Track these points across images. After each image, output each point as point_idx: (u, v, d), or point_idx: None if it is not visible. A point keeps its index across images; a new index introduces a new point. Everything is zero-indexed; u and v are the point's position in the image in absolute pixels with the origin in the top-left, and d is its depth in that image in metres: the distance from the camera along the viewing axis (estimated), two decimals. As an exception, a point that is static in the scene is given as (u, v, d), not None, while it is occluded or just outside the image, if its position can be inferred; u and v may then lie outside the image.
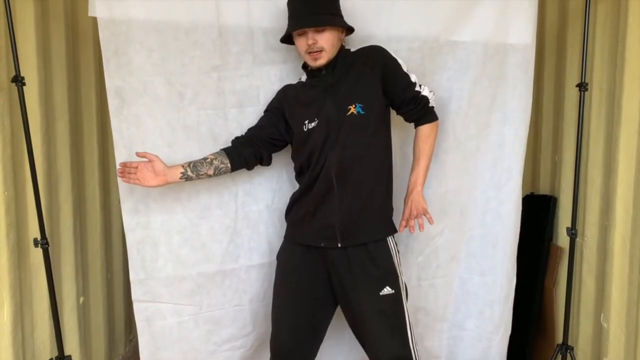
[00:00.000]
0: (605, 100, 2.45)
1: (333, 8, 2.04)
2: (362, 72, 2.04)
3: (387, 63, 2.05)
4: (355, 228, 2.04)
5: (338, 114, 2.01)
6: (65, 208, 2.52)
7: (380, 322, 2.01)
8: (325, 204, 2.04)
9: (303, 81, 2.16)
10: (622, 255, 2.34)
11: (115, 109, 2.10)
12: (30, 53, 2.20)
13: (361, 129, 2.00)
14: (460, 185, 2.41)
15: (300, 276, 2.11)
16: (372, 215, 2.06)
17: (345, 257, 2.05)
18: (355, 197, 2.02)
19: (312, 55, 1.99)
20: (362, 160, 2.01)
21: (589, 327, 2.61)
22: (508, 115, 2.36)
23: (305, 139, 2.05)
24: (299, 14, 2.00)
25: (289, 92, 2.15)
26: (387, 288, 2.02)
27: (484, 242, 2.48)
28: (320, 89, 2.07)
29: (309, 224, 2.08)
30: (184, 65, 2.13)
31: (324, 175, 2.01)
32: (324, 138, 2.01)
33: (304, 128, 2.05)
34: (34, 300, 2.34)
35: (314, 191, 2.05)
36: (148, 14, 2.07)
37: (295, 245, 2.14)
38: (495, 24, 2.26)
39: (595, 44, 2.47)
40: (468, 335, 2.56)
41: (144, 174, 2.03)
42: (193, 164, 2.08)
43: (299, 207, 2.11)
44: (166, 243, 2.24)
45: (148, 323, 2.28)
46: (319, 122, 2.03)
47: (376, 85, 2.03)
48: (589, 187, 2.56)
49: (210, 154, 2.11)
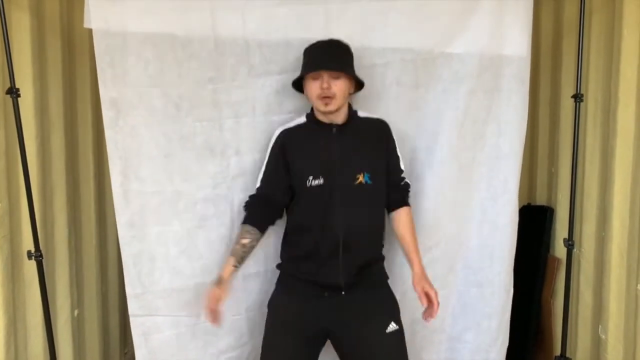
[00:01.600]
0: (601, 111, 2.46)
1: (350, 60, 2.08)
2: (372, 142, 2.11)
3: (392, 141, 2.15)
4: (360, 280, 2.09)
5: (347, 180, 2.04)
6: (60, 220, 2.51)
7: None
8: (330, 265, 2.06)
9: (302, 125, 2.14)
10: (619, 266, 2.34)
11: (110, 120, 2.10)
12: (25, 64, 2.21)
13: (367, 198, 2.07)
14: (456, 197, 2.40)
15: (298, 328, 2.10)
16: (374, 267, 2.16)
17: (349, 299, 2.08)
18: (360, 259, 2.08)
19: (324, 100, 2.00)
20: (367, 226, 2.10)
21: (587, 338, 2.60)
22: (504, 127, 2.36)
23: (308, 196, 2.06)
24: (317, 59, 2.03)
25: (288, 141, 2.12)
26: (392, 324, 2.08)
27: (480, 253, 2.47)
28: (327, 146, 2.07)
29: (310, 280, 2.09)
30: (179, 76, 2.13)
31: (330, 237, 2.04)
32: (329, 201, 2.03)
33: (307, 184, 2.05)
34: (27, 313, 2.33)
35: (317, 252, 2.06)
36: (144, 25, 2.07)
37: (293, 296, 2.14)
38: (490, 36, 2.27)
39: (590, 55, 2.48)
40: (466, 348, 2.54)
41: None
42: (239, 257, 2.10)
43: (299, 266, 2.11)
44: (163, 255, 2.22)
45: (145, 338, 2.26)
46: (325, 183, 2.04)
47: (383, 158, 2.12)
48: (585, 198, 2.56)
49: (244, 238, 2.10)
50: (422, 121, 2.33)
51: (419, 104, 2.32)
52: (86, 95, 2.72)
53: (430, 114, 2.33)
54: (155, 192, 2.17)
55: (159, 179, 2.17)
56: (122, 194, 2.15)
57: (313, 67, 2.02)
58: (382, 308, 2.11)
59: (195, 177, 2.21)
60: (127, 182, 2.15)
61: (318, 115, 2.10)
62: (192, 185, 2.21)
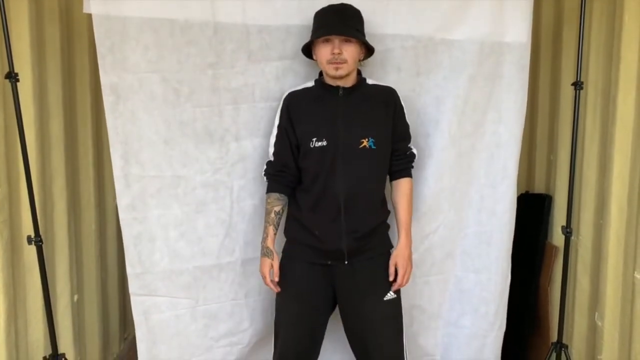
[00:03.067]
0: (601, 98, 2.45)
1: (361, 26, 2.08)
2: (379, 108, 2.10)
3: (399, 108, 2.15)
4: (362, 247, 2.10)
5: (351, 143, 2.04)
6: (59, 205, 2.51)
7: (384, 328, 2.12)
8: (332, 228, 2.07)
9: (310, 88, 2.15)
10: (616, 254, 2.34)
11: (111, 105, 2.10)
12: (24, 49, 2.19)
13: (370, 162, 2.08)
14: (455, 184, 2.41)
15: (306, 293, 2.14)
16: (377, 235, 2.16)
17: (351, 270, 2.10)
18: (362, 223, 2.09)
19: (334, 64, 2.00)
20: (368, 189, 2.10)
21: (583, 325, 2.61)
22: (503, 114, 2.37)
23: (312, 157, 2.07)
24: (329, 23, 2.02)
25: (293, 103, 2.13)
26: (390, 293, 2.12)
27: (478, 240, 2.48)
28: (332, 108, 2.07)
29: (314, 245, 2.11)
30: (179, 62, 2.13)
31: (331, 200, 2.05)
32: (332, 163, 2.04)
33: (311, 144, 2.05)
34: (27, 298, 2.33)
35: (319, 214, 2.08)
36: (143, 11, 2.06)
37: (298, 262, 2.16)
38: (490, 23, 2.26)
39: (591, 43, 2.47)
40: (463, 333, 2.57)
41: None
42: (276, 225, 2.16)
43: (302, 228, 2.12)
44: (163, 237, 2.24)
45: (145, 316, 2.29)
46: (329, 145, 2.04)
47: (389, 125, 2.11)
48: (584, 186, 2.56)
49: (276, 206, 2.15)
50: (422, 108, 2.33)
51: (419, 91, 2.32)
52: (85, 80, 2.71)
53: (430, 101, 2.33)
54: (155, 176, 2.19)
55: (158, 163, 2.18)
56: (123, 177, 2.16)
57: (325, 32, 2.00)
58: (381, 277, 2.13)
59: (194, 162, 2.22)
60: (128, 167, 2.16)
61: (327, 79, 2.10)
62: (192, 170, 2.22)
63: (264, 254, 2.15)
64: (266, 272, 2.14)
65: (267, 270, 2.14)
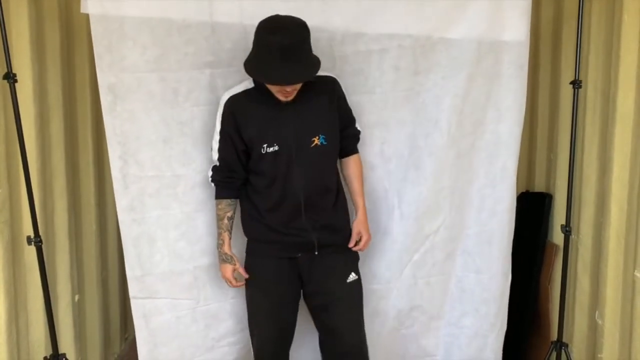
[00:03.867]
0: (600, 97, 2.44)
1: (308, 49, 1.92)
2: (323, 103, 2.09)
3: (342, 97, 2.15)
4: (331, 241, 2.16)
5: (302, 144, 2.05)
6: (59, 205, 2.51)
7: (347, 306, 2.19)
8: (297, 225, 2.11)
9: (250, 90, 2.08)
10: (616, 253, 2.33)
11: (109, 105, 2.10)
12: (23, 50, 2.19)
13: (324, 158, 2.11)
14: (455, 183, 2.41)
15: (276, 286, 2.18)
16: (342, 227, 2.22)
17: (320, 258, 2.15)
18: (324, 216, 2.14)
19: (284, 94, 1.97)
20: (325, 184, 2.13)
21: (583, 324, 2.60)
22: (503, 113, 2.36)
23: (265, 162, 2.06)
24: (276, 67, 1.85)
25: (237, 108, 2.07)
26: (352, 274, 2.20)
27: (479, 239, 2.48)
28: (278, 111, 2.04)
29: (281, 240, 2.13)
30: (177, 61, 2.13)
31: (291, 201, 2.07)
32: (288, 166, 2.05)
33: (262, 150, 2.04)
34: (28, 298, 2.34)
35: (280, 214, 2.10)
36: (141, 10, 2.06)
37: (264, 258, 2.18)
38: (489, 21, 2.25)
39: (590, 41, 2.46)
40: (464, 333, 2.56)
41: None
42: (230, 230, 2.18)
43: (265, 227, 2.13)
44: (162, 238, 2.24)
45: (145, 320, 2.28)
46: (281, 149, 2.04)
47: (335, 117, 2.11)
48: (584, 185, 2.56)
49: (228, 212, 2.16)
50: (421, 108, 2.33)
51: (417, 90, 2.31)
52: (85, 81, 2.72)
53: (429, 100, 2.32)
54: (154, 176, 2.19)
55: (157, 163, 2.19)
56: (122, 178, 2.16)
57: (272, 79, 1.92)
58: (344, 261, 2.21)
59: (193, 161, 2.22)
60: (126, 167, 2.16)
61: None
62: (190, 170, 2.23)
63: (224, 260, 2.17)
64: (230, 277, 2.17)
65: (230, 275, 2.17)
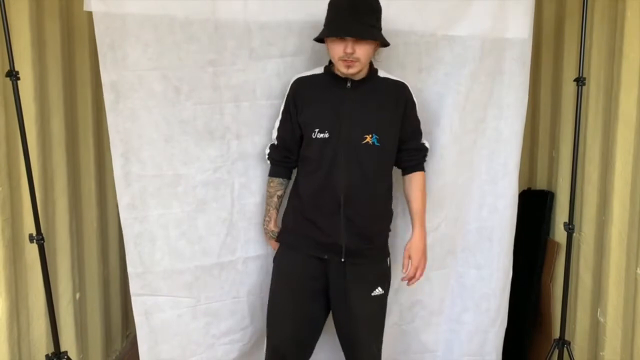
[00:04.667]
0: (603, 95, 2.45)
1: (376, 21, 1.99)
2: (387, 105, 2.06)
3: (411, 105, 2.12)
4: (362, 249, 2.09)
5: (354, 138, 2.02)
6: (61, 203, 2.51)
7: (367, 325, 2.14)
8: (332, 221, 2.06)
9: (318, 75, 2.10)
10: (619, 250, 2.34)
11: (111, 103, 2.09)
12: (24, 47, 2.18)
13: (373, 158, 2.04)
14: (456, 180, 2.41)
15: (302, 281, 2.14)
16: (376, 239, 2.14)
17: (344, 267, 2.10)
18: (361, 220, 2.07)
19: (346, 62, 1.95)
20: (370, 186, 2.05)
21: (586, 321, 2.61)
22: (505, 110, 2.36)
23: (313, 147, 2.05)
24: (342, 20, 1.92)
25: (300, 89, 2.10)
26: (379, 289, 2.13)
27: (480, 236, 2.48)
28: (338, 100, 2.04)
29: (313, 236, 2.10)
30: (179, 59, 2.12)
31: (331, 193, 2.04)
32: (334, 156, 2.02)
33: (313, 135, 2.03)
34: (29, 296, 2.33)
35: (319, 205, 2.07)
36: (143, 8, 2.05)
37: (295, 253, 2.15)
38: (492, 19, 2.25)
39: (593, 39, 2.46)
40: (464, 329, 2.57)
41: None
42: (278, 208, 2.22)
43: (303, 218, 2.11)
44: (163, 237, 2.23)
45: (146, 316, 2.28)
46: (331, 137, 2.02)
47: (397, 122, 2.07)
48: (586, 182, 2.56)
49: (279, 190, 2.20)
50: (424, 105, 2.32)
51: (420, 87, 2.30)
52: (86, 78, 2.70)
53: (432, 97, 2.33)
54: (155, 175, 2.18)
55: (159, 162, 2.17)
56: (123, 176, 2.15)
57: (337, 32, 1.93)
58: (374, 274, 2.14)
59: (195, 160, 2.21)
60: (128, 165, 2.15)
61: (337, 68, 2.04)
62: (192, 169, 2.21)
63: (271, 237, 2.23)
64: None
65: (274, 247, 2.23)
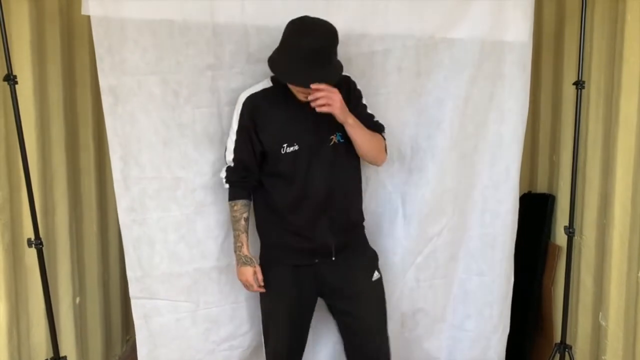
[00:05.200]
0: (603, 98, 2.44)
1: (334, 50, 1.95)
2: None
3: (356, 93, 2.14)
4: (348, 243, 2.16)
5: (321, 143, 2.06)
6: (60, 208, 2.51)
7: (374, 311, 2.21)
8: (317, 226, 2.09)
9: (268, 90, 2.09)
10: (620, 254, 2.33)
11: (110, 107, 2.10)
12: (24, 51, 2.19)
13: (342, 156, 2.09)
14: (458, 185, 2.40)
15: (293, 294, 2.17)
16: (358, 228, 2.23)
17: (337, 264, 2.14)
18: (345, 216, 2.14)
19: (305, 95, 1.96)
20: (346, 184, 2.13)
21: (587, 325, 2.60)
22: (505, 114, 2.35)
23: (285, 162, 2.06)
24: (302, 70, 1.89)
25: (255, 107, 2.07)
26: (376, 273, 2.21)
27: (482, 242, 2.47)
28: (296, 110, 2.04)
29: (299, 245, 2.11)
30: (178, 63, 2.12)
31: (313, 199, 2.06)
32: (308, 165, 2.05)
33: (282, 150, 2.04)
34: (29, 300, 2.34)
35: (301, 215, 2.08)
36: (142, 12, 2.05)
37: (280, 266, 2.16)
38: (492, 22, 2.25)
39: (593, 42, 2.46)
40: (467, 336, 2.55)
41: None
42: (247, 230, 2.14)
43: (284, 231, 2.11)
44: (162, 240, 2.24)
45: (145, 320, 2.28)
46: (301, 149, 2.04)
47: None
48: (587, 186, 2.55)
49: (244, 213, 2.13)
50: (424, 109, 2.33)
51: (420, 92, 2.31)
52: (86, 82, 2.71)
53: (431, 101, 2.32)
54: (154, 178, 2.18)
55: (158, 165, 2.18)
56: (122, 179, 2.16)
57: (295, 81, 1.94)
58: (365, 261, 2.21)
59: (193, 164, 2.22)
60: (127, 168, 2.16)
61: None
62: (191, 172, 2.22)
63: (244, 263, 2.12)
64: (251, 280, 2.12)
65: (251, 278, 2.12)
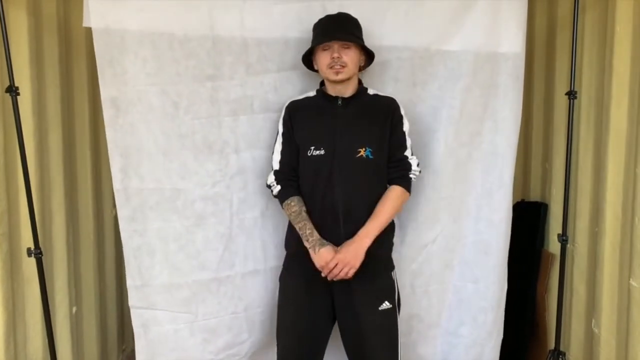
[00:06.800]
0: (594, 107, 2.48)
1: (359, 32, 2.11)
2: (377, 118, 2.10)
3: (398, 118, 2.13)
4: (362, 264, 2.03)
5: (348, 153, 2.05)
6: (58, 218, 2.51)
7: (377, 338, 2.10)
8: (332, 240, 2.05)
9: (310, 97, 2.18)
10: (612, 261, 2.36)
11: (111, 118, 2.11)
12: (23, 63, 2.21)
13: (368, 172, 2.07)
14: (452, 193, 2.42)
15: (306, 308, 2.13)
16: (377, 252, 2.09)
17: (351, 287, 2.08)
18: None
19: (334, 69, 2.03)
20: (366, 199, 2.08)
21: (580, 332, 2.62)
22: (499, 124, 2.38)
23: (309, 165, 2.08)
24: (327, 30, 2.06)
25: (294, 111, 2.15)
26: (386, 303, 2.11)
27: (476, 249, 2.49)
28: (331, 117, 2.09)
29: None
30: (178, 74, 2.14)
31: (330, 209, 2.05)
32: (330, 172, 2.05)
33: (308, 153, 2.07)
34: (26, 310, 2.34)
35: (319, 225, 2.07)
36: (142, 24, 2.08)
37: (298, 277, 2.15)
38: (485, 33, 2.29)
39: (584, 52, 2.50)
40: (461, 342, 2.57)
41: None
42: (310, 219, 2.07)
43: (302, 241, 2.09)
44: (162, 250, 2.24)
45: (144, 329, 2.29)
46: (326, 154, 2.05)
47: (387, 135, 2.10)
48: (579, 194, 2.58)
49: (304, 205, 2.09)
50: (419, 119, 2.35)
51: (415, 102, 2.33)
52: (83, 94, 2.72)
53: (426, 111, 2.35)
54: (154, 189, 2.19)
55: (158, 176, 2.19)
56: (123, 190, 2.17)
57: (323, 38, 2.04)
58: (380, 290, 2.12)
59: (193, 175, 2.23)
60: (128, 179, 2.17)
61: (327, 88, 2.13)
62: (191, 183, 2.23)
63: (322, 244, 2.02)
64: (329, 259, 2.01)
65: (330, 257, 2.01)
